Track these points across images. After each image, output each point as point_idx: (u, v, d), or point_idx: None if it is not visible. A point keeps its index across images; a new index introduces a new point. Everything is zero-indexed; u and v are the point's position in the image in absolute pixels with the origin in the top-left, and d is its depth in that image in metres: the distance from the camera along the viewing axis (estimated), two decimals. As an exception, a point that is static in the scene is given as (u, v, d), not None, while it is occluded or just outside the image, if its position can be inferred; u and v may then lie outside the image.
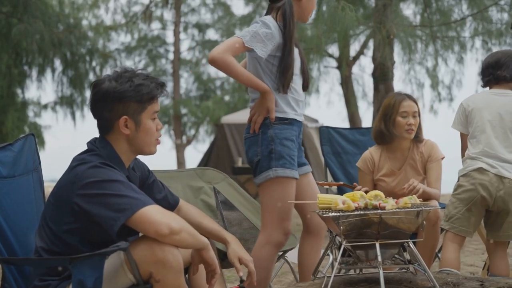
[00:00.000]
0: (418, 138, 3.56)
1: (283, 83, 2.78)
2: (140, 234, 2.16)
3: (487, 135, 3.03)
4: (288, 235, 2.83)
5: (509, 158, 2.98)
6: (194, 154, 20.37)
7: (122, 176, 2.18)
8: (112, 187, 2.09)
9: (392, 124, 3.49)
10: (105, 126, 2.26)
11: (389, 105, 3.54)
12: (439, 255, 3.65)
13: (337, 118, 24.82)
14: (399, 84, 17.34)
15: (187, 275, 2.48)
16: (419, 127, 3.57)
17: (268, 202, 2.79)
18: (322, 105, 32.34)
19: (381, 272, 2.11)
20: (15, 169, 2.50)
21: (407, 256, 2.36)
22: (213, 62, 2.69)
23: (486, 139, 3.03)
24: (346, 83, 12.29)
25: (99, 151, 2.23)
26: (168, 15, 19.30)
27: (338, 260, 2.26)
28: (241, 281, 2.99)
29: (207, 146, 14.63)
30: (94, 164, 2.14)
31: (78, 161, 2.19)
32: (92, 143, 2.28)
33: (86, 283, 1.94)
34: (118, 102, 2.20)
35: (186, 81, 19.57)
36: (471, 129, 3.10)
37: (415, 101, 3.55)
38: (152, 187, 2.46)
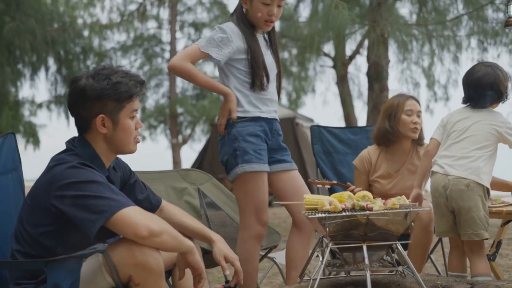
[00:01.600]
0: (420, 142, 3.53)
1: (255, 82, 2.85)
2: (121, 236, 2.09)
3: (453, 140, 3.04)
4: (265, 225, 2.86)
5: (465, 156, 2.97)
6: (190, 154, 20.23)
7: (102, 176, 2.11)
8: (90, 188, 2.02)
9: (397, 122, 3.47)
10: (82, 124, 2.19)
11: (392, 105, 3.51)
12: (432, 256, 3.61)
13: (333, 117, 24.82)
14: (395, 84, 17.35)
15: (170, 278, 2.42)
16: (421, 130, 3.52)
17: (241, 198, 2.86)
18: (318, 105, 32.28)
19: (368, 274, 2.05)
20: (-7, 168, 2.44)
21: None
22: (172, 69, 2.82)
23: (449, 143, 3.04)
24: (342, 83, 12.25)
25: (78, 150, 2.16)
26: (164, 14, 19.27)
27: (324, 262, 2.19)
28: (226, 281, 2.94)
29: (203, 145, 14.59)
30: (72, 165, 2.07)
31: (56, 161, 2.12)
32: (71, 142, 2.21)
33: (62, 286, 1.87)
34: (95, 100, 2.13)
35: (182, 80, 19.50)
36: (444, 138, 3.11)
37: (418, 102, 3.53)
38: (134, 187, 2.39)
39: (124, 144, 2.21)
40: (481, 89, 3.04)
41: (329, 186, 3.56)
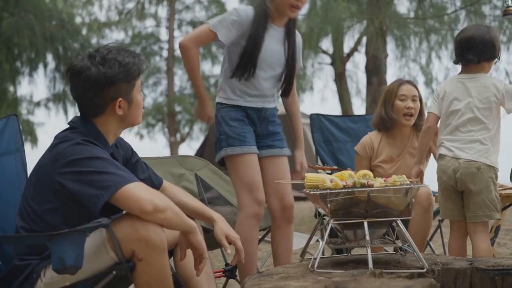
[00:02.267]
0: (419, 127, 3.50)
1: (237, 71, 2.87)
2: (124, 212, 2.11)
3: (456, 121, 3.01)
4: (261, 204, 2.89)
5: (473, 139, 2.98)
6: (188, 152, 20.32)
7: (106, 153, 2.13)
8: (95, 164, 2.04)
9: (391, 109, 3.47)
10: (94, 111, 2.19)
11: (388, 90, 3.53)
12: (431, 243, 3.62)
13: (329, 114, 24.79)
14: (392, 80, 17.38)
15: (171, 259, 2.44)
16: (421, 115, 3.51)
17: (234, 181, 2.92)
18: (316, 102, 32.35)
19: (369, 251, 2.07)
20: (-5, 149, 2.46)
21: (398, 243, 2.32)
22: (181, 47, 2.84)
23: (453, 126, 3.02)
24: (340, 80, 12.28)
25: (81, 129, 2.18)
26: (162, 12, 19.29)
27: (325, 240, 2.21)
28: (226, 264, 2.96)
29: (201, 143, 14.59)
30: (76, 141, 2.09)
31: (59, 139, 2.14)
32: (73, 121, 2.24)
33: (66, 260, 1.89)
34: (109, 86, 2.14)
35: (180, 79, 19.55)
36: (442, 116, 3.07)
37: (415, 86, 3.51)
38: (136, 167, 2.41)
39: (136, 118, 2.27)
40: (470, 43, 3.01)
41: (329, 171, 3.58)
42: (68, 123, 2.24)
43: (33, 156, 2.67)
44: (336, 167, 3.53)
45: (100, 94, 2.14)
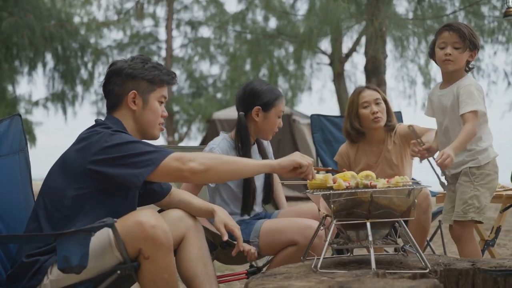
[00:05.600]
0: (390, 126, 3.44)
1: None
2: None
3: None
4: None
5: None
6: (187, 152, 20.44)
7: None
8: (131, 147, 2.14)
9: (356, 119, 3.40)
10: (114, 101, 2.33)
11: (350, 102, 3.45)
12: (431, 243, 3.63)
13: (330, 114, 24.83)
14: (391, 81, 17.40)
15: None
16: (389, 115, 3.45)
17: None
18: (314, 102, 32.33)
19: (371, 251, 2.08)
20: (0, 149, 2.47)
21: (400, 242, 2.34)
22: None
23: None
24: (339, 80, 12.30)
25: (109, 125, 2.26)
26: (161, 12, 19.29)
27: (328, 240, 2.22)
28: (251, 266, 2.97)
29: (199, 143, 14.60)
30: (108, 132, 2.18)
31: (89, 132, 2.22)
32: (100, 119, 2.33)
33: (72, 260, 1.91)
34: (130, 78, 2.30)
35: (178, 79, 19.48)
36: (484, 117, 2.90)
37: (375, 89, 3.45)
38: None
39: (150, 125, 2.35)
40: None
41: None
42: (95, 120, 2.33)
43: (31, 156, 2.68)
44: (331, 168, 3.51)
45: (121, 83, 2.31)
